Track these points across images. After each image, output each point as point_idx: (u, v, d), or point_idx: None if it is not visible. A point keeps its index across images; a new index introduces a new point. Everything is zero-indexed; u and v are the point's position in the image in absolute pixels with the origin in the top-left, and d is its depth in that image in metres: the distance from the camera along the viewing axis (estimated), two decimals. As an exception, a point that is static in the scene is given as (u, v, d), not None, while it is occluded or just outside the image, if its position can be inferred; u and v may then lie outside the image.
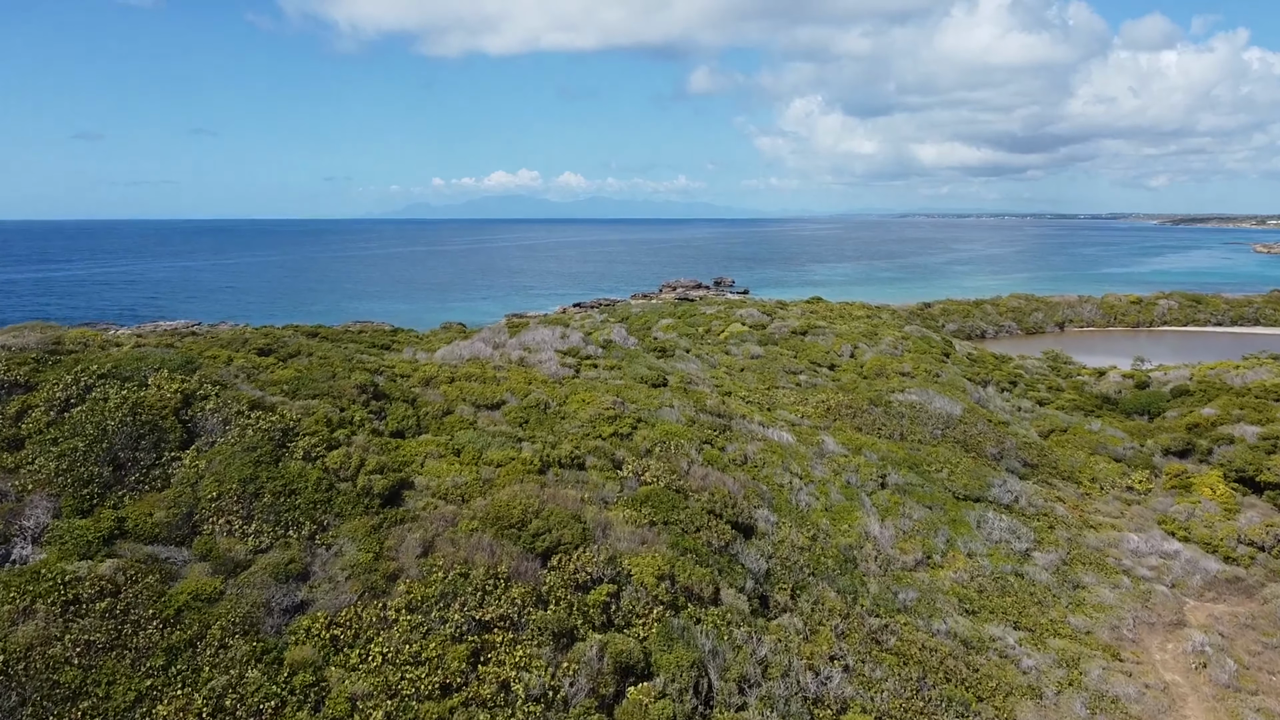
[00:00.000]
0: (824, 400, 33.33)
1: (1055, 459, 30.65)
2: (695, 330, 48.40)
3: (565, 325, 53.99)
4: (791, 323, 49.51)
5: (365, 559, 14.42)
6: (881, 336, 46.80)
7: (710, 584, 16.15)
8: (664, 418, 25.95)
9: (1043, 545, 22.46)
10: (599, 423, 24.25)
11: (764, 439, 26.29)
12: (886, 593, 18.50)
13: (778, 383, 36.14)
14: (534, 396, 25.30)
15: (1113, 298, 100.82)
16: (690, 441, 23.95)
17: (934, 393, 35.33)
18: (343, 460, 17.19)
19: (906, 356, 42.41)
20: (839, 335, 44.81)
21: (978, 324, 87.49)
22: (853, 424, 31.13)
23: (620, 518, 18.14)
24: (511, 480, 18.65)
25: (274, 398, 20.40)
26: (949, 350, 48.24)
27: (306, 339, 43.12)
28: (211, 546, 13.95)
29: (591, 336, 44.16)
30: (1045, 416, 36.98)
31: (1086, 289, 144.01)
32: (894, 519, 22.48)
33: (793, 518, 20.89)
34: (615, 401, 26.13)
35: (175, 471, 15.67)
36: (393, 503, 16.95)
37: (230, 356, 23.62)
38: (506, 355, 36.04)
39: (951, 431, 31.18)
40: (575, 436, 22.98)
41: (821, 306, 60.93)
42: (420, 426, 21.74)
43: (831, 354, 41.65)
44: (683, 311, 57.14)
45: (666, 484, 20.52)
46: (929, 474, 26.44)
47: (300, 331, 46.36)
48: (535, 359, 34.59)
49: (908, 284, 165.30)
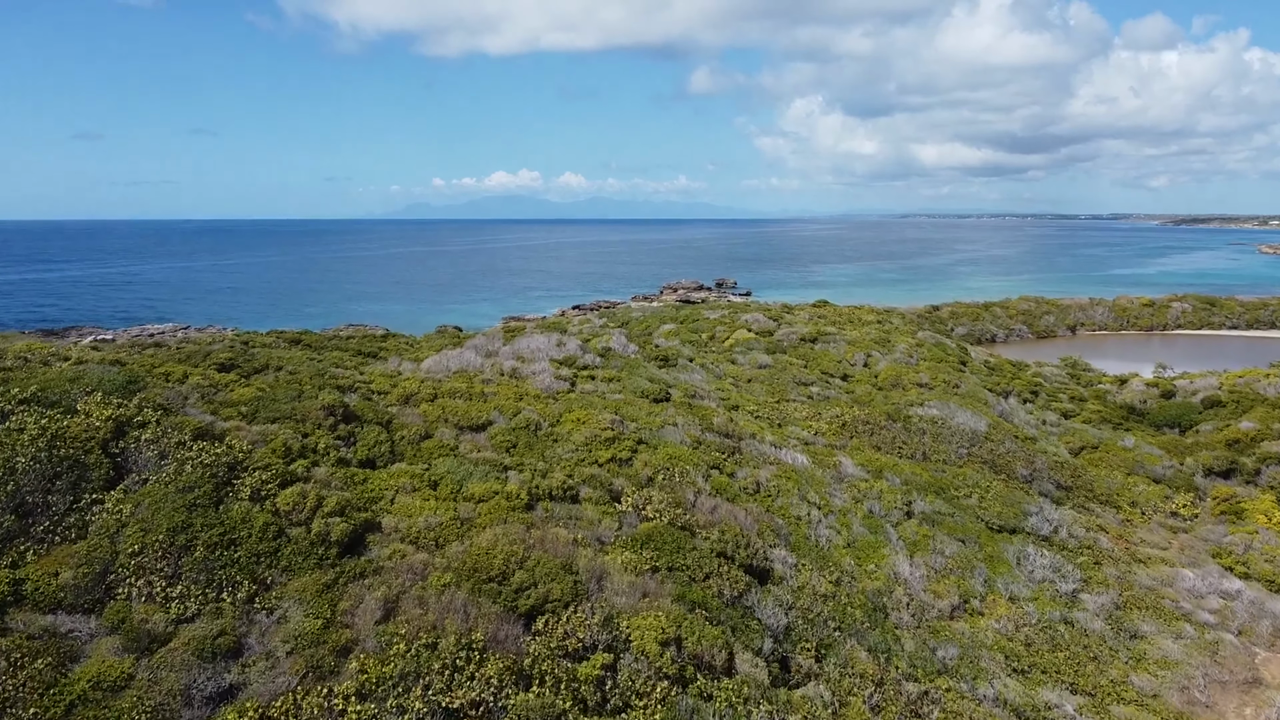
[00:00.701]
0: (838, 415, 30.98)
1: (1090, 480, 28.28)
2: (698, 337, 46.08)
3: (562, 331, 51.69)
4: (799, 329, 47.17)
5: (313, 627, 12.08)
6: (895, 344, 44.45)
7: (723, 648, 13.80)
8: (667, 438, 23.62)
9: (1091, 585, 20.09)
10: (595, 446, 21.91)
11: (777, 462, 23.94)
12: (924, 650, 16.14)
13: (788, 395, 33.78)
14: (524, 416, 22.96)
15: (1125, 300, 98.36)
16: (696, 467, 21.62)
17: (955, 406, 32.98)
18: (297, 500, 14.84)
19: (923, 365, 40.05)
20: (850, 343, 42.43)
21: (988, 327, 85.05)
22: (870, 442, 28.77)
23: (618, 563, 15.80)
24: (494, 519, 16.31)
25: (227, 422, 18.07)
26: (965, 358, 45.88)
27: (286, 348, 40.80)
28: (126, 615, 11.61)
29: (589, 344, 41.87)
30: (1073, 431, 34.60)
31: (1093, 290, 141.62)
32: (924, 555, 20.13)
33: (813, 557, 18.54)
34: (613, 420, 23.79)
35: (95, 518, 13.34)
36: (354, 550, 14.60)
37: (185, 373, 21.29)
38: (498, 366, 33.74)
39: (977, 450, 28.82)
40: (568, 463, 20.64)
41: (829, 311, 58.58)
42: (394, 453, 19.39)
43: (844, 363, 39.26)
44: (685, 316, 54.82)
45: (671, 519, 18.18)
46: (958, 501, 24.08)
47: (283, 338, 44.07)
48: (528, 370, 32.25)
49: (911, 285, 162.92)
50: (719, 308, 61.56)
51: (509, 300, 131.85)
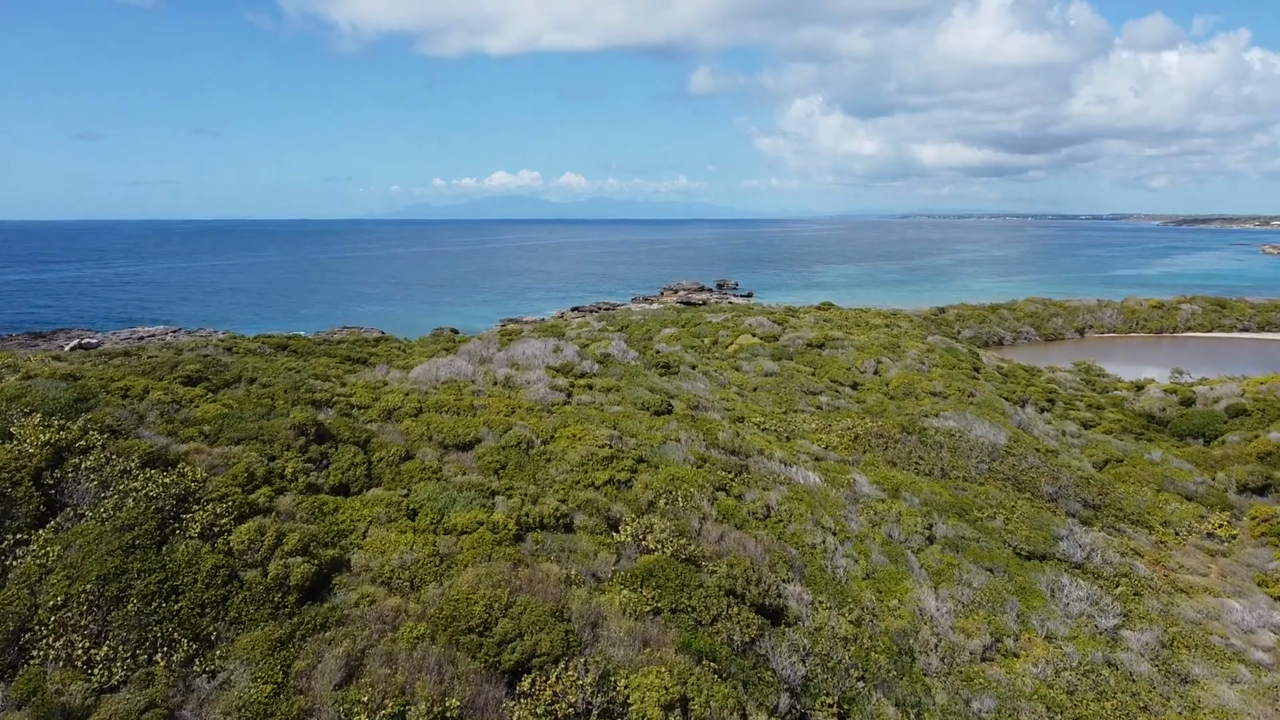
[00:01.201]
0: (850, 427, 29.31)
1: (1119, 498, 26.60)
2: (701, 342, 44.40)
3: (560, 335, 50.05)
4: (805, 333, 45.50)
5: (260, 695, 10.41)
6: (905, 349, 42.77)
7: (734, 709, 12.13)
8: (669, 456, 21.96)
9: (1133, 620, 18.42)
10: (591, 466, 20.24)
11: (788, 481, 22.27)
12: (957, 702, 14.47)
13: (796, 405, 32.10)
14: (515, 433, 21.29)
15: (1133, 302, 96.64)
16: (701, 489, 19.94)
17: (972, 417, 31.32)
18: (254, 537, 13.18)
19: (935, 373, 38.37)
20: (859, 349, 40.75)
21: (995, 330, 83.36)
22: (885, 457, 27.10)
23: (616, 605, 14.14)
24: (477, 555, 14.64)
25: (186, 445, 16.40)
26: (978, 364, 44.20)
27: (271, 354, 39.14)
28: (38, 685, 9.94)
29: (588, 350, 40.23)
30: (1096, 443, 32.90)
31: (1098, 291, 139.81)
32: (950, 587, 18.45)
33: (831, 592, 16.87)
34: (611, 436, 22.13)
35: (16, 564, 11.68)
36: (316, 595, 12.94)
37: (146, 388, 19.61)
38: (491, 374, 32.09)
39: (998, 465, 27.15)
40: (562, 486, 18.97)
41: (836, 314, 56.90)
42: (371, 477, 17.71)
43: (853, 371, 37.58)
44: (687, 320, 53.15)
45: (674, 550, 16.51)
46: (982, 523, 22.40)
47: (269, 343, 42.42)
48: (522, 379, 30.59)
49: (914, 286, 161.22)
50: (721, 310, 59.87)
51: (508, 302, 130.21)
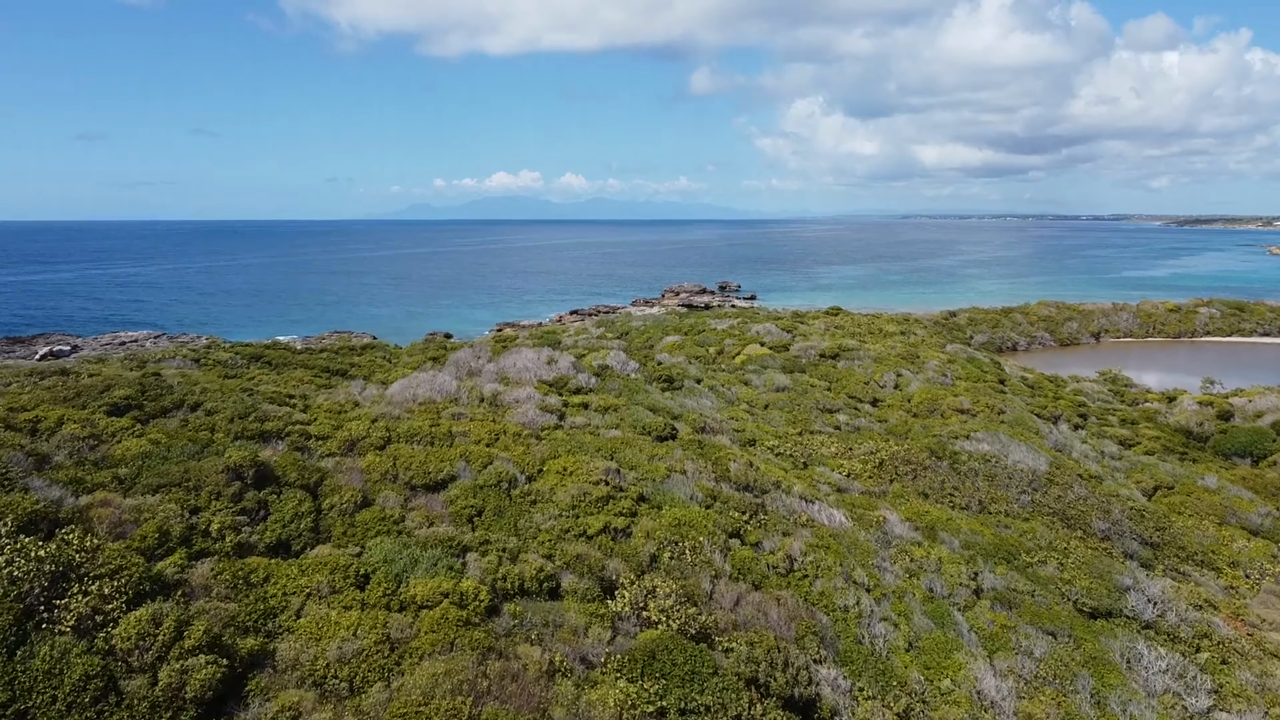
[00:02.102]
0: (873, 451, 26.43)
1: (1179, 534, 23.71)
2: (706, 351, 41.52)
3: (556, 344, 47.18)
4: (817, 342, 42.61)
5: None
6: (924, 360, 39.88)
7: None
8: (674, 494, 19.08)
9: (1226, 699, 15.54)
10: (584, 508, 17.37)
11: (810, 522, 19.38)
12: (1038, 828, 11.58)
13: (812, 425, 29.21)
14: (496, 468, 18.41)
15: (1149, 305, 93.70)
16: (712, 536, 17.06)
17: (1006, 438, 28.45)
18: (144, 630, 10.29)
19: (960, 386, 35.48)
20: (877, 360, 37.85)
21: (1009, 335, 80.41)
22: (915, 487, 24.21)
23: (610, 705, 11.27)
24: (438, 641, 11.76)
25: (90, 495, 13.53)
26: (1003, 375, 41.31)
27: (241, 366, 36.27)
28: None
29: (584, 361, 37.37)
30: (1141, 466, 30.00)
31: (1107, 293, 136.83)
32: (1007, 657, 15.57)
33: (871, 674, 13.97)
34: (608, 470, 19.26)
35: None
36: (223, 708, 10.07)
37: (62, 419, 16.73)
38: (477, 390, 29.24)
39: (1042, 496, 24.26)
40: (549, 535, 16.08)
41: (847, 320, 53.98)
42: (318, 530, 14.82)
43: (872, 385, 34.68)
44: (690, 326, 50.28)
45: (681, 623, 13.62)
46: (1033, 570, 19.51)
47: (244, 353, 39.59)
48: (511, 396, 27.72)
49: (920, 288, 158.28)
50: (726, 316, 57.00)
51: (505, 305, 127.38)
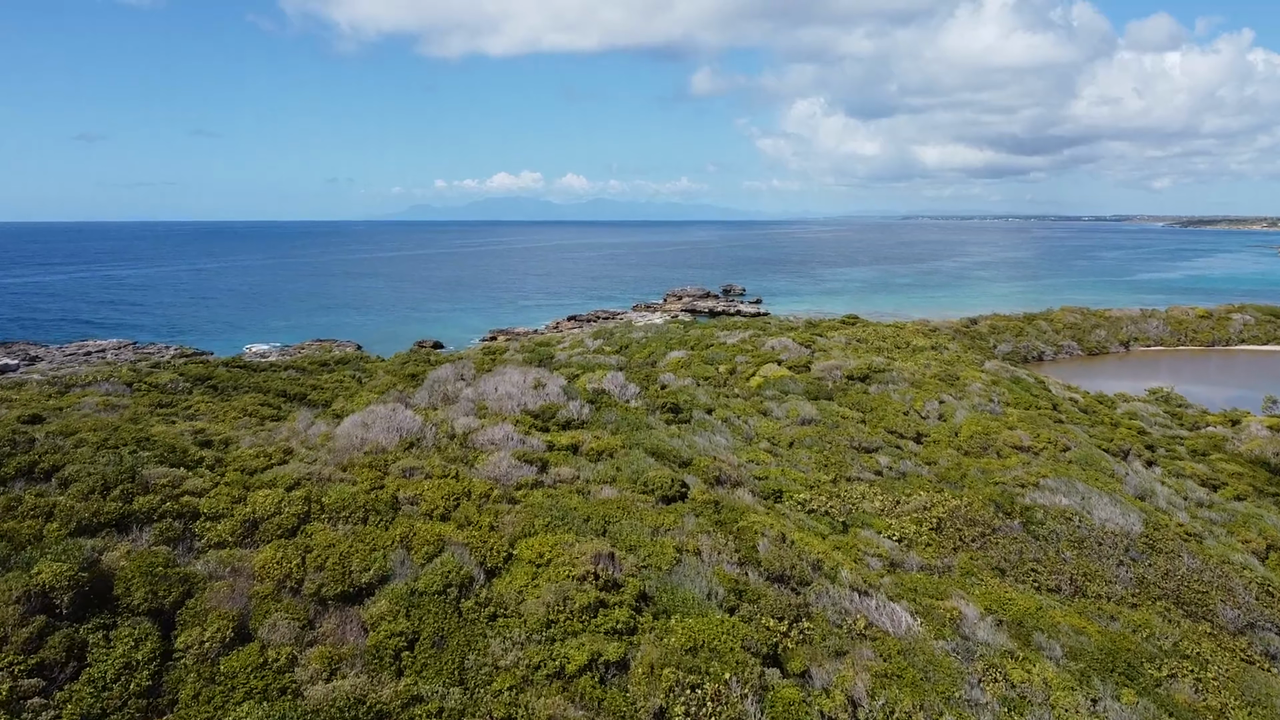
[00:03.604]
0: (927, 505, 21.53)
1: (1322, 620, 18.79)
2: (715, 371, 36.62)
3: (549, 357, 42.30)
4: (840, 359, 37.69)
5: None
6: (964, 382, 34.95)
7: None
8: (685, 590, 14.20)
9: None
10: (563, 625, 12.49)
11: (869, 628, 14.49)
12: None
13: (848, 469, 24.28)
14: (446, 561, 13.51)
15: (1179, 311, 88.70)
16: (741, 668, 12.18)
17: (1083, 486, 23.56)
18: None
19: (1012, 416, 30.56)
20: (914, 384, 32.90)
21: (1034, 344, 75.42)
22: (986, 559, 19.30)
23: None
24: None
25: None
26: (1054, 400, 36.38)
27: (182, 391, 31.46)
28: None
29: (578, 383, 32.51)
30: (1241, 517, 25.03)
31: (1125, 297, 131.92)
32: None
33: None
34: (598, 557, 14.39)
35: None
36: None
37: None
38: (447, 426, 24.43)
39: (1146, 571, 19.33)
40: (509, 682, 11.16)
41: (869, 332, 49.03)
42: (158, 693, 9.93)
43: (912, 415, 29.72)
44: (696, 339, 45.35)
45: None
46: (1166, 694, 14.59)
47: (188, 375, 34.75)
48: (485, 437, 22.85)
49: (931, 291, 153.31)
50: (736, 327, 52.05)
51: (501, 309, 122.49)
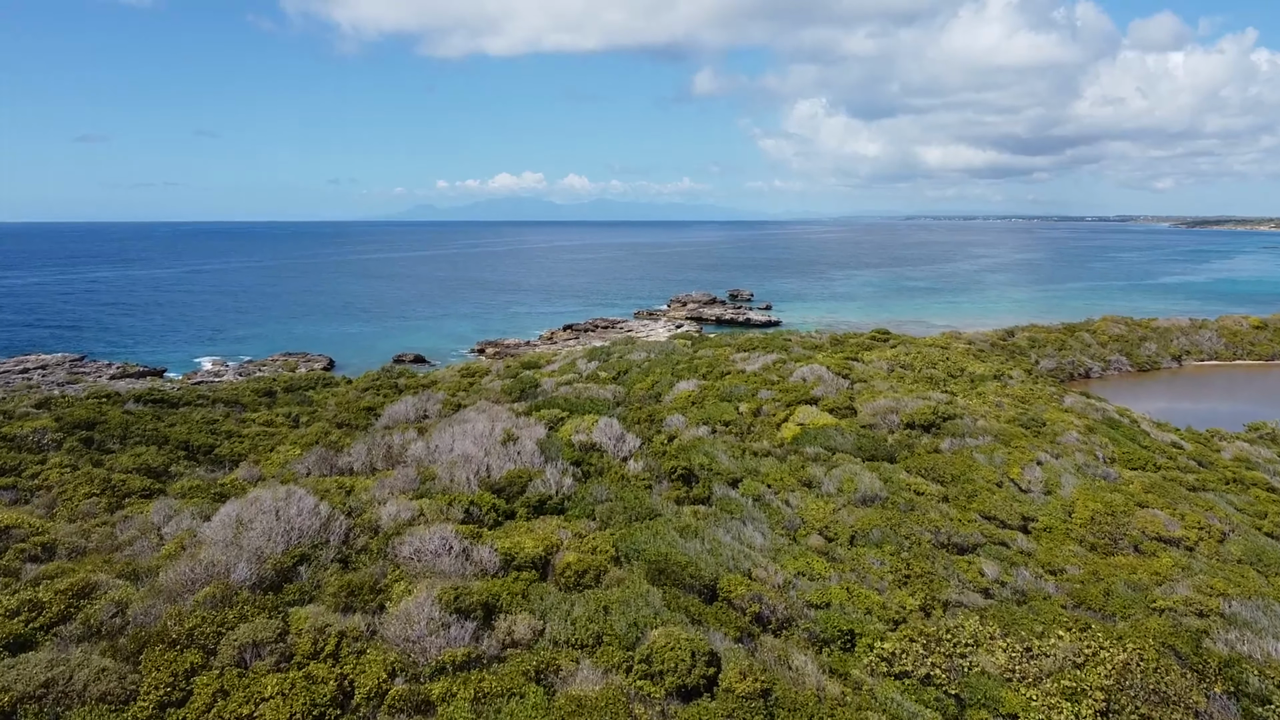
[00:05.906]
0: (1075, 658, 13.97)
1: None
2: (735, 412, 29.03)
3: (534, 385, 34.76)
4: (886, 394, 30.11)
5: None
6: (1054, 429, 27.35)
7: None
8: None
9: None
10: None
11: None
12: None
13: (943, 587, 16.64)
14: None
15: (1231, 322, 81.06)
16: None
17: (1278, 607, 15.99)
18: None
19: (1135, 485, 22.94)
20: (999, 439, 25.24)
21: (1079, 359, 67.80)
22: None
23: None
24: None
25: None
26: (1161, 447, 28.76)
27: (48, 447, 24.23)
28: None
29: (560, 434, 25.04)
30: None
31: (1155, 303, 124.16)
32: None
33: None
34: None
35: None
36: None
37: None
38: (367, 517, 17.09)
39: None
40: None
41: (911, 354, 41.33)
42: None
43: (1007, 486, 22.10)
44: (709, 366, 37.76)
45: None
46: None
47: (68, 420, 27.36)
48: (413, 547, 15.42)
49: (948, 296, 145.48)
50: (753, 346, 44.46)
51: (493, 316, 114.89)
